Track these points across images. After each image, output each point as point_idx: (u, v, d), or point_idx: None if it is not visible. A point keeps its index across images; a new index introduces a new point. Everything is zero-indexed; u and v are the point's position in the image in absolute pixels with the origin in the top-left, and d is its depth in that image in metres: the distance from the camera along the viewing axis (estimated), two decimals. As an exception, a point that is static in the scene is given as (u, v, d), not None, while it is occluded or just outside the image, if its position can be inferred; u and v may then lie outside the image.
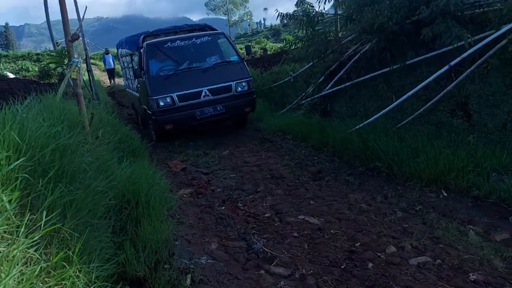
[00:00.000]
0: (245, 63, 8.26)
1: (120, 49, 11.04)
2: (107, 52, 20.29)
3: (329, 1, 7.12)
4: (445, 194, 4.37)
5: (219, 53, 8.51)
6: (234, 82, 7.78)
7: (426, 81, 5.31)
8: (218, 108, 7.65)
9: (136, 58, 8.61)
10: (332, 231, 3.82)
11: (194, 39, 8.17)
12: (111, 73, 20.22)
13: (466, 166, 4.38)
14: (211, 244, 3.73)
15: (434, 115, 5.54)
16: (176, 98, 7.40)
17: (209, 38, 8.37)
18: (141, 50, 7.87)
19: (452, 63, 5.04)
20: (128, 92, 11.30)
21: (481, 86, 4.99)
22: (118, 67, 24.50)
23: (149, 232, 3.26)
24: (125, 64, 10.72)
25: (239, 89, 7.82)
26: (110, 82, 20.17)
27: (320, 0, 7.17)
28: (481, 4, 5.20)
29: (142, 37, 8.49)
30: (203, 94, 7.53)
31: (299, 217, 4.23)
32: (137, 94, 9.03)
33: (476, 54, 4.87)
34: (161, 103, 7.35)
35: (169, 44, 7.98)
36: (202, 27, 9.34)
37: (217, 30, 9.35)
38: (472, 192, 4.22)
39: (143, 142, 6.49)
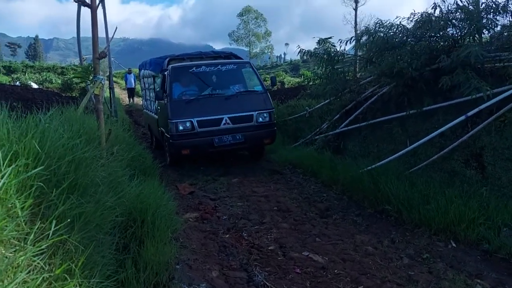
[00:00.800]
0: (269, 94, 8.12)
1: (143, 70, 11.06)
2: (129, 72, 20.93)
3: (350, 42, 7.25)
4: (454, 244, 4.28)
5: (243, 82, 8.43)
6: (256, 112, 7.61)
7: (442, 129, 5.31)
8: (237, 137, 7.46)
9: (159, 80, 8.59)
10: (335, 271, 3.76)
11: (219, 66, 8.12)
12: (131, 92, 20.75)
13: (477, 218, 4.31)
14: (212, 272, 3.69)
15: (447, 163, 5.50)
16: (196, 124, 7.27)
17: (235, 67, 8.34)
18: (166, 73, 7.85)
19: (469, 113, 5.05)
20: (145, 113, 11.32)
21: (497, 139, 4.97)
22: (138, 87, 25.07)
23: (152, 253, 3.25)
24: (146, 85, 10.77)
25: (260, 119, 7.65)
26: (129, 100, 20.64)
27: (341, 41, 7.31)
28: (502, 59, 5.25)
29: (167, 60, 8.52)
30: (223, 121, 7.39)
31: (303, 253, 4.17)
32: (155, 116, 8.98)
33: (494, 107, 4.88)
34: (180, 127, 7.23)
35: (194, 69, 7.92)
36: (227, 55, 9.35)
37: (242, 59, 9.32)
38: (481, 245, 4.13)
39: (155, 162, 6.55)
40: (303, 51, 7.78)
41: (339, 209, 5.63)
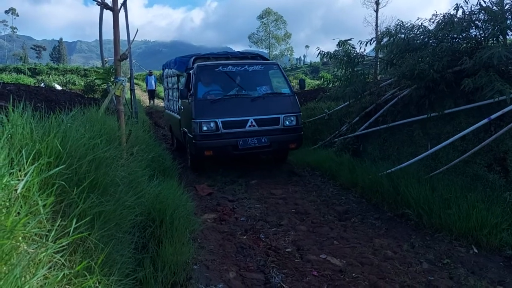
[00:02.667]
0: (296, 97, 7.84)
1: (166, 70, 10.89)
2: (150, 74, 21.26)
3: (370, 44, 7.18)
4: (475, 250, 4.19)
5: (270, 83, 8.19)
6: (283, 115, 7.33)
7: (464, 132, 5.21)
8: (263, 140, 7.17)
9: (183, 80, 8.42)
10: (353, 274, 3.72)
11: (246, 67, 7.88)
12: (152, 94, 21.07)
13: (500, 223, 4.21)
14: (229, 273, 3.70)
15: (469, 167, 5.39)
16: (221, 124, 7.02)
17: (262, 67, 8.06)
18: (191, 72, 7.70)
19: (493, 116, 4.93)
20: (167, 113, 11.20)
21: (521, 142, 4.84)
22: (159, 88, 25.36)
23: (170, 253, 3.28)
24: (170, 85, 10.60)
25: (287, 123, 7.36)
26: (150, 102, 20.93)
27: (361, 42, 7.25)
28: (527, 60, 5.12)
29: (193, 58, 8.42)
30: (249, 123, 7.14)
31: (320, 256, 4.15)
32: (178, 116, 8.84)
33: (519, 109, 4.75)
34: (204, 128, 7.00)
35: (220, 68, 7.70)
36: (254, 55, 9.17)
37: (269, 60, 9.19)
38: (504, 251, 4.03)
39: (174, 163, 6.62)
40: (323, 53, 7.74)
41: (357, 212, 5.57)
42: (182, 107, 8.16)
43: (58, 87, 22.35)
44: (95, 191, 2.32)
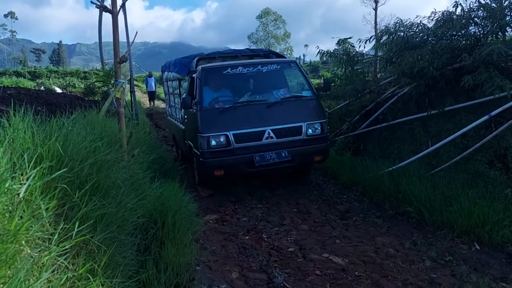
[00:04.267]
0: (319, 101, 6.64)
1: (166, 72, 9.56)
2: (150, 76, 21.28)
3: (369, 42, 7.19)
4: (477, 247, 4.19)
5: (288, 85, 7.00)
6: (305, 123, 6.11)
7: (465, 129, 5.21)
8: (283, 155, 5.95)
9: (185, 84, 7.32)
10: (356, 273, 3.72)
11: (259, 67, 6.63)
12: (152, 96, 21.08)
13: (502, 220, 4.21)
14: (232, 273, 3.71)
15: (471, 164, 5.39)
16: (232, 138, 5.84)
17: (278, 67, 6.80)
18: (194, 76, 6.54)
19: (493, 113, 4.94)
20: (169, 120, 9.87)
21: (522, 139, 4.84)
22: (159, 89, 25.36)
23: (172, 254, 3.29)
24: (170, 90, 9.33)
25: (311, 132, 6.14)
26: (150, 103, 20.94)
27: (361, 41, 7.26)
28: (527, 56, 5.12)
29: (195, 60, 7.19)
30: (265, 135, 5.94)
31: (323, 255, 4.15)
32: (181, 126, 7.63)
33: (519, 106, 4.76)
34: (213, 143, 5.82)
35: (229, 70, 6.49)
36: (266, 53, 7.92)
37: (285, 57, 7.83)
38: (507, 248, 4.03)
39: (175, 165, 6.63)
40: (323, 52, 7.75)
41: (359, 210, 5.57)
42: (186, 117, 7.08)
43: (58, 90, 22.38)
44: (97, 193, 2.33)
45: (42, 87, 25.09)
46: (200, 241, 4.16)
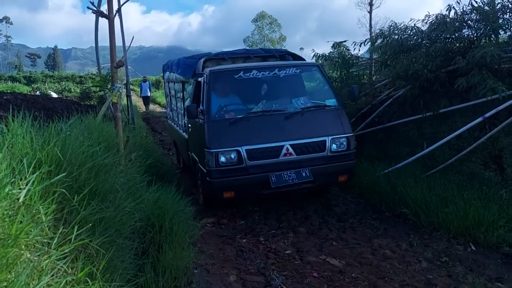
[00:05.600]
0: (345, 111, 5.68)
1: (168, 72, 8.54)
2: (144, 80, 21.09)
3: (364, 45, 7.25)
4: (473, 248, 4.23)
5: (309, 92, 6.10)
6: (330, 138, 5.23)
7: (459, 131, 5.26)
8: (304, 174, 5.11)
9: (190, 88, 6.48)
10: (353, 274, 3.75)
11: (276, 71, 5.74)
12: (146, 101, 20.92)
13: (497, 221, 4.25)
14: (230, 276, 3.72)
15: (466, 166, 5.44)
16: (245, 154, 5.00)
17: (297, 71, 5.92)
18: (201, 79, 5.65)
19: (487, 115, 4.99)
20: (170, 125, 8.93)
21: (516, 140, 4.90)
22: (156, 94, 25.26)
23: (170, 258, 3.30)
24: (172, 92, 8.35)
25: (335, 147, 5.27)
26: (145, 108, 20.81)
27: (355, 43, 7.32)
28: (520, 59, 5.19)
29: (202, 60, 6.19)
30: (284, 151, 5.09)
31: (320, 257, 4.18)
32: (184, 135, 6.79)
33: (512, 107, 4.81)
34: (222, 159, 4.99)
35: (241, 74, 5.59)
36: (282, 53, 6.96)
37: (304, 59, 6.92)
38: (502, 248, 4.07)
39: (172, 168, 6.63)
40: (318, 55, 7.80)
41: (356, 213, 5.60)
42: (190, 126, 6.15)
43: (54, 95, 22.33)
44: (95, 198, 2.35)
45: (38, 92, 25.03)
46: (197, 245, 4.17)
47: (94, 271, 2.01)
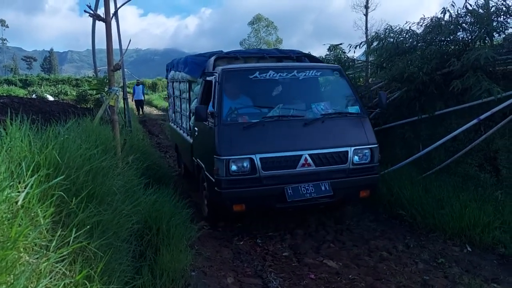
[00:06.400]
0: (369, 120, 5.20)
1: (172, 71, 7.92)
2: (138, 84, 20.48)
3: (360, 48, 7.29)
4: (469, 249, 4.26)
5: (330, 98, 5.56)
6: (352, 149, 4.77)
7: (454, 133, 5.30)
8: (323, 188, 4.63)
9: (197, 88, 6.02)
10: (350, 276, 3.77)
11: (295, 72, 5.29)
12: (140, 104, 20.19)
13: (493, 222, 4.29)
14: (227, 279, 3.73)
15: (461, 167, 5.48)
16: (259, 164, 4.53)
17: (318, 74, 5.47)
18: (211, 79, 5.24)
19: (482, 116, 5.03)
20: (172, 128, 8.45)
21: (511, 141, 4.94)
22: (152, 96, 25.07)
23: (168, 260, 3.31)
24: (176, 92, 7.81)
25: (357, 159, 4.81)
26: (138, 113, 19.94)
27: (351, 46, 7.36)
28: (514, 61, 5.23)
29: (213, 58, 5.73)
30: (302, 161, 4.63)
31: (317, 259, 4.19)
32: (188, 139, 6.32)
33: (507, 109, 4.86)
34: (234, 168, 4.52)
35: (257, 74, 5.13)
36: (299, 55, 6.44)
37: (322, 61, 6.57)
38: (497, 249, 4.11)
39: (169, 171, 6.63)
40: (314, 58, 7.82)
41: (353, 214, 5.62)
42: (196, 129, 5.67)
43: (50, 98, 22.26)
44: (93, 200, 2.36)
45: (34, 95, 24.97)
46: (195, 247, 4.17)
47: (92, 273, 2.02)
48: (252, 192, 4.56)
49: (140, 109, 20.26)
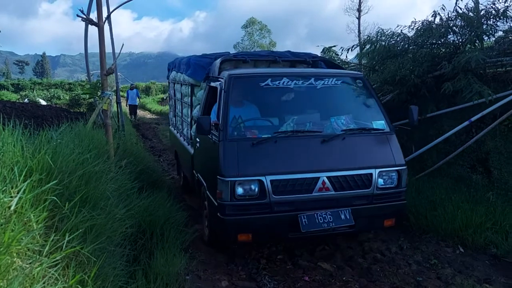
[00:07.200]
0: (396, 137, 4.43)
1: (174, 72, 7.17)
2: (132, 88, 19.76)
3: (352, 51, 7.33)
4: (461, 250, 4.30)
5: (351, 110, 4.69)
6: (377, 171, 4.09)
7: (446, 135, 5.34)
8: (343, 217, 3.94)
9: (200, 93, 5.32)
10: (344, 278, 3.79)
11: (312, 80, 4.60)
12: (133, 109, 19.45)
13: (484, 223, 4.33)
14: (221, 282, 3.73)
15: (453, 169, 5.53)
16: (270, 187, 3.84)
17: (338, 82, 4.69)
18: (216, 85, 4.56)
19: (473, 118, 5.08)
20: (172, 133, 7.72)
21: (502, 143, 5.00)
22: (146, 100, 24.92)
23: (162, 264, 3.31)
24: (178, 95, 7.06)
25: (382, 182, 4.12)
26: (131, 117, 19.31)
27: (343, 48, 7.41)
28: (504, 63, 5.29)
29: (219, 61, 4.93)
30: (319, 185, 3.94)
31: (311, 261, 4.20)
32: (189, 148, 5.67)
33: (498, 111, 4.92)
34: (240, 191, 3.84)
35: (268, 82, 4.44)
36: (315, 59, 5.65)
37: (342, 67, 6.00)
38: (489, 250, 4.15)
39: (163, 175, 6.61)
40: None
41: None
42: (198, 141, 5.01)
43: (43, 102, 22.14)
44: (86, 205, 2.36)
45: (26, 100, 24.82)
46: (189, 251, 4.16)
47: (86, 278, 2.02)
48: (261, 220, 3.89)
49: (133, 114, 19.40)
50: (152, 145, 12.67)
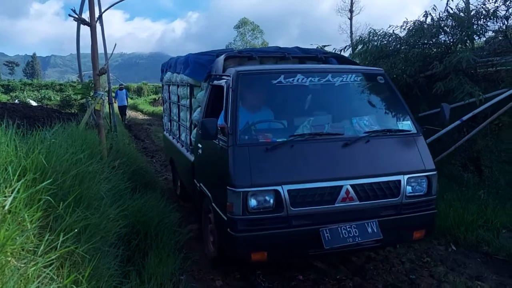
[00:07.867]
0: (424, 139, 3.96)
1: (169, 72, 6.53)
2: (121, 88, 19.39)
3: (344, 51, 7.36)
4: (454, 248, 4.34)
5: (374, 110, 4.22)
6: (406, 177, 3.60)
7: (438, 134, 5.39)
8: (369, 230, 3.47)
9: (201, 95, 4.82)
10: (338, 276, 3.81)
11: (329, 77, 4.09)
12: (123, 110, 19.09)
13: (476, 221, 4.38)
14: (216, 282, 3.73)
15: (445, 168, 5.57)
16: (287, 197, 3.33)
17: (358, 79, 4.25)
18: (222, 84, 4.06)
19: (464, 118, 5.14)
20: (167, 138, 7.10)
21: (493, 142, 5.05)
22: (138, 101, 24.82)
23: (156, 264, 3.31)
24: (173, 97, 6.49)
25: (410, 190, 3.64)
26: (122, 118, 18.91)
27: (336, 50, 7.43)
28: (494, 63, 5.35)
29: (223, 58, 4.43)
30: (342, 194, 3.45)
31: (305, 260, 4.21)
32: (189, 156, 5.07)
33: (489, 110, 4.97)
34: (253, 204, 3.33)
35: (281, 79, 3.95)
36: (327, 56, 5.12)
37: (357, 63, 5.46)
38: (481, 248, 4.19)
39: (156, 176, 6.59)
40: (299, 61, 7.85)
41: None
42: (200, 146, 4.41)
43: (33, 103, 21.93)
44: (80, 205, 2.35)
45: (17, 100, 24.57)
46: (183, 251, 4.15)
47: (80, 278, 2.01)
48: (277, 236, 3.38)
49: (123, 115, 18.88)
50: (144, 146, 12.63)
